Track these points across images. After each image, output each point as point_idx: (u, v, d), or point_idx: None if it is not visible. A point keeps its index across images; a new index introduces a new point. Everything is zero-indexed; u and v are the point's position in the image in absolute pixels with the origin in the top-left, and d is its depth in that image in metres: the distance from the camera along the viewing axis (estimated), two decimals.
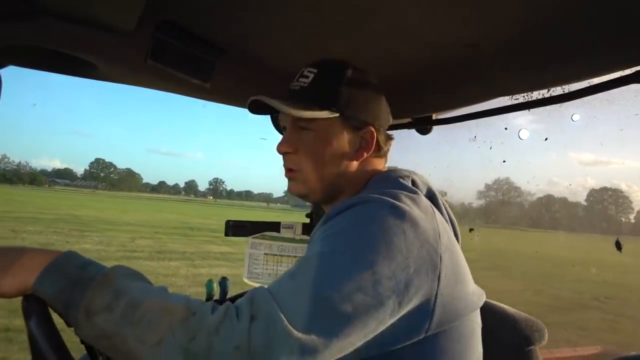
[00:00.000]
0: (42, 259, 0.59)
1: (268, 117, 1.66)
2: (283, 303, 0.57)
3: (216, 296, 1.61)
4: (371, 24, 0.90)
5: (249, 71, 1.23)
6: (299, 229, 1.79)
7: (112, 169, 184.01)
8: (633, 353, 1.10)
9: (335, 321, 0.57)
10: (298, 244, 1.75)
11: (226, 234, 1.78)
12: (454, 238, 0.77)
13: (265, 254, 1.75)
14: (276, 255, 1.75)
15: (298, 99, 0.81)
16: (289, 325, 0.55)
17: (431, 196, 0.81)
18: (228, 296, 1.63)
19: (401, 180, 0.78)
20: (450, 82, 1.19)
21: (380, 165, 0.88)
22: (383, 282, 0.60)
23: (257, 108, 0.85)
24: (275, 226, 1.79)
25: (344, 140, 0.81)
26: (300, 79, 0.83)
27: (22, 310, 0.58)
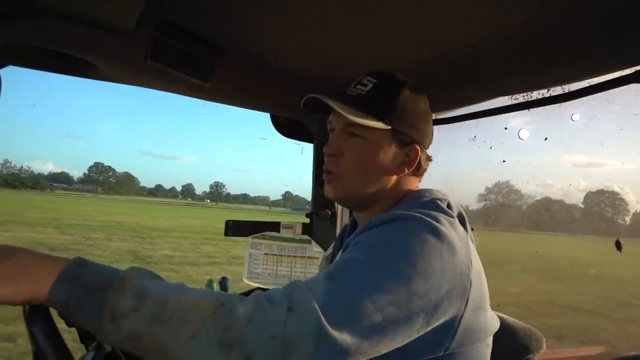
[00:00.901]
0: (52, 267, 0.58)
1: (268, 117, 1.66)
2: (321, 300, 0.58)
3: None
4: (372, 24, 0.90)
5: (249, 71, 1.23)
6: (299, 229, 1.79)
7: (111, 173, 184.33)
8: (633, 353, 1.10)
9: (368, 328, 0.59)
10: (298, 244, 1.75)
11: (226, 234, 1.78)
12: (481, 265, 0.78)
13: (265, 253, 1.75)
14: (276, 255, 1.75)
15: (354, 105, 0.81)
16: (325, 322, 0.56)
17: (461, 219, 0.82)
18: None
19: (439, 202, 0.79)
20: (450, 82, 1.20)
21: (415, 183, 0.89)
22: (415, 300, 0.62)
23: (311, 104, 0.84)
24: (275, 226, 1.79)
25: (390, 153, 0.82)
26: (359, 86, 0.84)
27: (25, 317, 0.57)
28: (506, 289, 8.49)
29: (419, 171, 0.88)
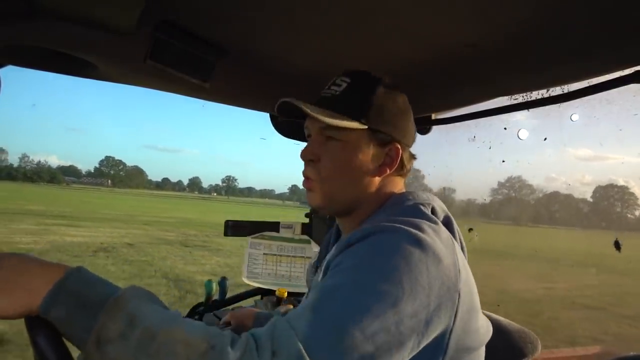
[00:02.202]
0: (48, 277, 0.56)
1: (266, 116, 1.66)
2: (306, 340, 0.55)
3: (215, 296, 1.61)
4: (371, 24, 0.90)
5: (249, 71, 1.23)
6: (298, 229, 1.79)
7: (121, 167, 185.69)
8: (633, 353, 1.10)
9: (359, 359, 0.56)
10: (297, 244, 1.75)
11: (225, 234, 1.78)
12: (469, 270, 0.75)
13: (264, 253, 1.75)
14: (275, 255, 1.75)
15: (328, 107, 0.79)
16: None
17: (448, 223, 0.79)
18: (227, 296, 1.63)
19: (422, 207, 0.75)
20: (450, 82, 1.20)
21: (399, 184, 0.85)
22: (405, 321, 0.59)
23: (285, 110, 0.82)
24: (274, 226, 1.79)
25: (369, 153, 0.79)
26: (332, 87, 0.81)
27: (27, 328, 0.56)
28: (581, 282, 9.10)
29: (402, 171, 0.84)
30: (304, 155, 0.81)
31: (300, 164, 0.86)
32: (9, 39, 0.93)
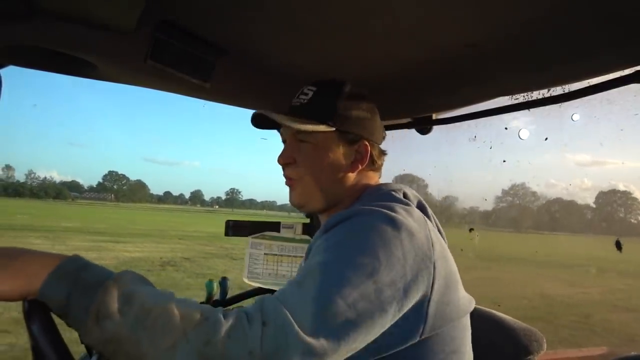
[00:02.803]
0: (47, 262, 0.59)
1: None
2: (292, 310, 0.59)
3: (216, 296, 1.61)
4: (371, 24, 0.90)
5: (249, 71, 1.24)
6: (299, 229, 1.79)
7: (125, 181, 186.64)
8: (633, 353, 1.10)
9: (343, 327, 0.60)
10: (298, 244, 1.75)
11: (226, 234, 1.78)
12: (446, 246, 0.81)
13: (265, 253, 1.75)
14: (276, 255, 1.75)
15: (298, 114, 0.87)
16: (299, 331, 0.57)
17: (421, 207, 0.86)
18: (228, 296, 1.63)
19: (393, 193, 0.83)
20: (450, 82, 1.20)
21: (374, 178, 0.93)
22: (384, 290, 0.64)
23: (259, 121, 0.89)
24: (275, 226, 1.79)
25: (339, 152, 0.87)
26: (301, 96, 0.89)
27: (24, 313, 0.57)
28: (611, 286, 9.36)
29: (374, 166, 0.92)
30: (281, 158, 0.89)
31: None
32: (9, 39, 0.93)
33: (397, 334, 0.69)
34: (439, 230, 0.87)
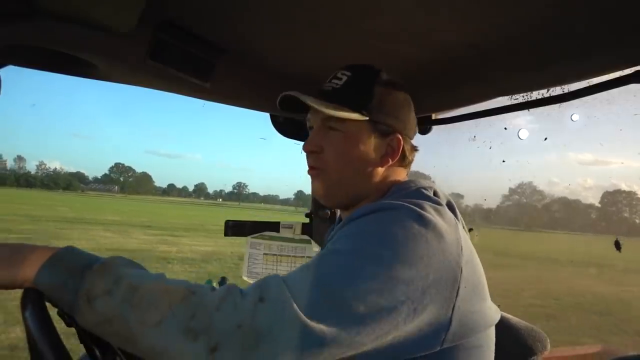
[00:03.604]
0: (43, 252, 0.60)
1: (267, 118, 1.66)
2: (295, 290, 0.56)
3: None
4: (372, 23, 0.90)
5: (249, 71, 1.23)
6: (299, 229, 1.79)
7: (131, 173, 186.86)
8: (633, 353, 1.10)
9: (347, 316, 0.56)
10: (297, 244, 1.75)
11: (226, 234, 1.78)
12: (475, 252, 0.75)
13: (264, 253, 1.75)
14: (275, 255, 1.75)
15: (330, 99, 0.80)
16: (299, 311, 0.54)
17: (451, 208, 0.79)
18: None
19: (424, 190, 0.77)
20: (450, 82, 1.19)
21: (402, 174, 0.87)
22: (399, 287, 0.59)
23: (287, 104, 0.83)
24: (274, 226, 1.78)
25: (370, 144, 0.81)
26: (334, 80, 0.83)
27: (20, 302, 0.59)
28: None
29: (404, 162, 0.86)
30: (307, 146, 0.82)
31: (303, 169, 0.87)
32: (9, 39, 0.93)
33: (416, 340, 0.64)
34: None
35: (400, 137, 0.82)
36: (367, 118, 0.79)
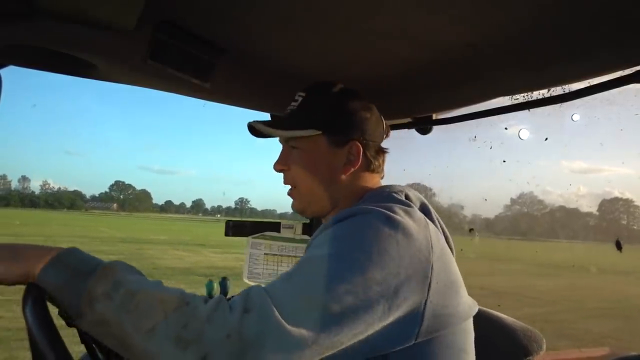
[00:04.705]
0: (46, 252, 0.62)
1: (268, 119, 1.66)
2: (276, 299, 0.60)
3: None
4: (371, 24, 0.90)
5: (249, 71, 1.24)
6: (299, 229, 1.79)
7: (131, 190, 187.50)
8: (633, 353, 1.10)
9: (325, 319, 0.60)
10: (298, 244, 1.75)
11: (226, 234, 1.78)
12: (447, 249, 0.79)
13: (265, 254, 1.75)
14: (276, 255, 1.75)
15: (287, 121, 0.88)
16: (280, 319, 0.57)
17: (425, 210, 0.84)
18: (228, 296, 1.63)
19: (395, 195, 0.81)
20: (450, 82, 1.19)
21: (373, 180, 0.90)
22: (373, 287, 0.63)
23: (255, 131, 0.90)
24: (275, 226, 1.79)
25: (329, 155, 0.86)
26: (292, 103, 0.89)
27: (22, 298, 0.60)
28: None
29: (370, 167, 0.89)
30: (276, 165, 0.90)
31: None
32: (9, 39, 0.93)
33: (391, 335, 0.67)
34: (444, 234, 0.85)
35: (359, 144, 0.86)
36: (320, 132, 0.85)
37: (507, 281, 10.56)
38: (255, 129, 0.88)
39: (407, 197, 0.83)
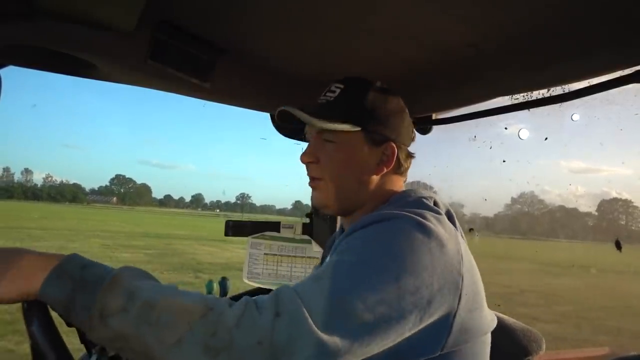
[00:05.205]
0: (44, 263, 0.58)
1: (267, 118, 1.66)
2: (308, 303, 0.57)
3: (216, 296, 1.60)
4: (371, 24, 0.90)
5: (248, 71, 1.24)
6: (299, 229, 1.79)
7: (131, 184, 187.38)
8: (633, 353, 1.10)
9: (358, 328, 0.58)
10: (298, 244, 1.75)
11: (226, 234, 1.78)
12: (473, 260, 0.77)
13: (265, 253, 1.75)
14: (276, 255, 1.75)
15: (323, 112, 0.82)
16: (313, 325, 0.55)
17: (450, 217, 0.81)
18: (228, 296, 1.63)
19: (424, 200, 0.78)
20: (450, 82, 1.19)
21: (399, 182, 0.88)
22: (407, 297, 0.61)
23: (283, 118, 0.86)
24: (275, 226, 1.78)
25: (364, 153, 0.83)
26: (328, 93, 0.85)
27: (24, 315, 0.57)
28: None
29: (400, 170, 0.87)
30: (304, 157, 0.85)
31: (301, 180, 0.90)
32: (9, 39, 0.93)
33: (418, 345, 0.66)
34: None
35: (394, 146, 0.84)
36: (359, 129, 0.82)
37: (521, 280, 10.57)
38: (285, 115, 0.83)
39: (435, 203, 0.80)
